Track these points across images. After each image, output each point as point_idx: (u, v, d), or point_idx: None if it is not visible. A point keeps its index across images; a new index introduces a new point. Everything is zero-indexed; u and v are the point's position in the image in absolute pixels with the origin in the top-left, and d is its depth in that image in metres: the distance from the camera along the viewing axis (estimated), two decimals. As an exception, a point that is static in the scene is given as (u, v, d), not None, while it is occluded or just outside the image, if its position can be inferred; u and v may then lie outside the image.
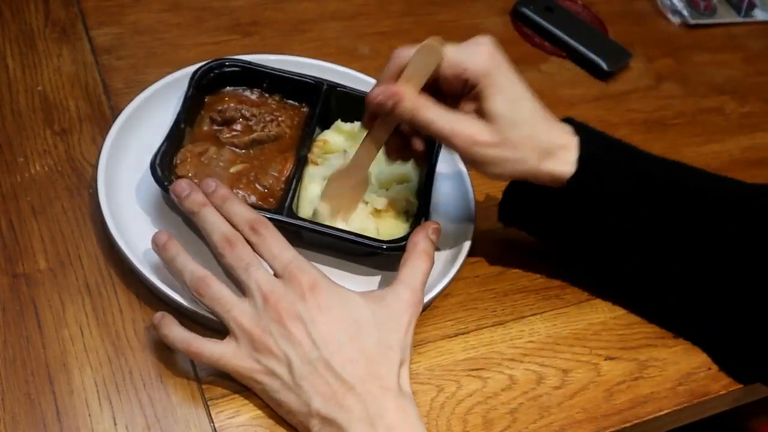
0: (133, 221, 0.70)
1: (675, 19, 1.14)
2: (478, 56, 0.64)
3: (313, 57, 0.87)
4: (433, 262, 0.67)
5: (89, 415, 0.60)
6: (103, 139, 0.73)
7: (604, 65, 1.00)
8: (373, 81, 0.85)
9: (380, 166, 0.75)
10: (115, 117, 0.75)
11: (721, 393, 0.72)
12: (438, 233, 0.69)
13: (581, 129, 0.68)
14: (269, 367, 0.60)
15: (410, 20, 1.01)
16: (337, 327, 0.60)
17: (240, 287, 0.63)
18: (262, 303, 0.60)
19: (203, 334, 0.65)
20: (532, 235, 0.75)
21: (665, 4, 1.15)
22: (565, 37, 1.03)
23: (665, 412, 0.70)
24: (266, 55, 0.84)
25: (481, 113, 0.65)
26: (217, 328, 0.64)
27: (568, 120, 0.69)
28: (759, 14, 1.20)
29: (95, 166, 0.71)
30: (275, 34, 0.94)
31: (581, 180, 0.66)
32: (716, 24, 1.16)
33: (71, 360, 0.62)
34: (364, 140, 0.70)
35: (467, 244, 0.74)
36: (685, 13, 1.14)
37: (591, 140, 0.68)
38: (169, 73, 0.80)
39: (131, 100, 0.77)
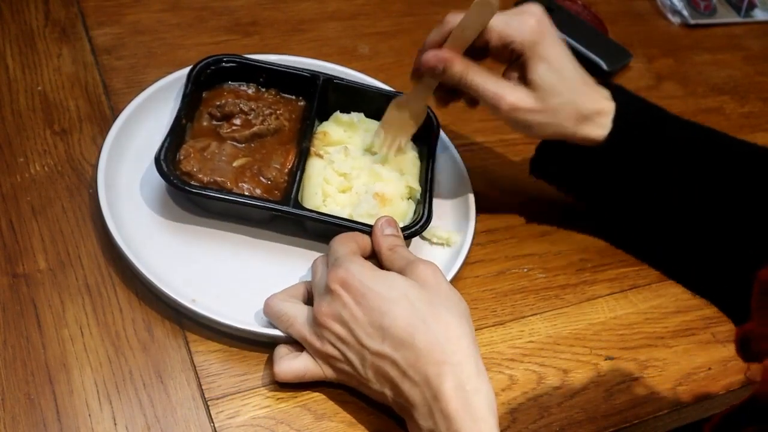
0: (133, 221, 0.70)
1: (675, 19, 1.14)
2: (525, 28, 0.69)
3: (312, 57, 0.87)
4: (401, 239, 0.68)
5: (89, 415, 0.60)
6: (103, 139, 0.73)
7: (604, 65, 1.00)
8: (373, 81, 0.85)
9: (382, 155, 0.76)
10: (115, 117, 0.75)
11: (720, 393, 0.72)
12: (392, 225, 0.68)
13: (619, 94, 0.73)
14: (342, 369, 0.61)
15: (410, 20, 1.01)
16: (376, 315, 0.59)
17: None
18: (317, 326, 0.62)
19: (204, 334, 0.66)
20: (560, 188, 0.79)
21: (665, 4, 1.15)
22: (565, 37, 1.02)
23: (665, 412, 0.70)
24: (266, 55, 0.84)
25: (525, 80, 0.70)
26: (222, 331, 0.64)
27: (607, 84, 0.74)
28: (759, 14, 1.20)
29: (95, 166, 0.71)
30: (275, 34, 0.94)
31: (614, 143, 0.71)
32: (716, 24, 1.16)
33: (71, 360, 0.62)
34: (416, 86, 0.74)
35: (467, 244, 0.74)
36: (685, 13, 1.14)
37: (627, 105, 0.73)
38: (169, 73, 0.80)
39: (131, 100, 0.77)
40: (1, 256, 0.67)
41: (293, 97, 0.81)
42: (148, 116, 0.77)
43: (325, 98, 0.80)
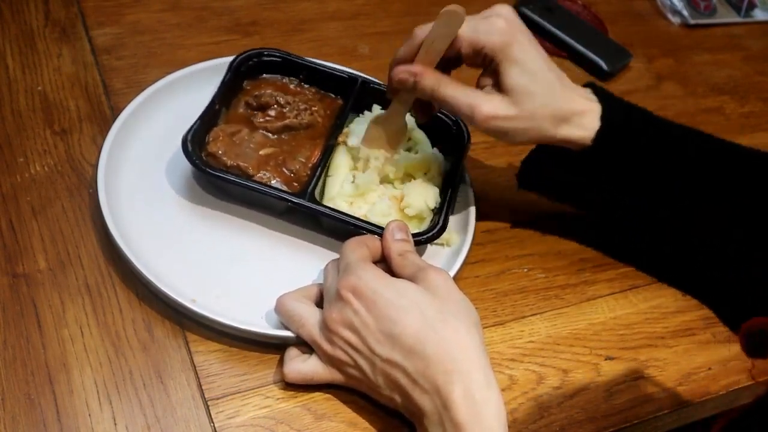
0: (133, 221, 0.70)
1: (675, 19, 1.14)
2: (494, 32, 0.66)
3: (313, 57, 0.87)
4: (411, 245, 0.67)
5: (89, 415, 0.60)
6: (103, 139, 0.73)
7: (604, 65, 1.00)
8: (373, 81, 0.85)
9: (403, 156, 0.76)
10: (115, 117, 0.75)
11: (720, 393, 0.72)
12: (402, 230, 0.67)
13: (602, 95, 0.71)
14: (351, 374, 0.61)
15: (410, 20, 1.00)
16: (387, 322, 0.59)
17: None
18: (328, 333, 0.62)
19: (204, 334, 0.66)
20: (550, 197, 0.77)
21: (665, 4, 1.15)
22: (565, 37, 1.03)
23: (665, 412, 0.70)
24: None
25: (499, 86, 0.68)
26: (222, 331, 0.64)
27: (589, 85, 0.72)
28: (759, 14, 1.20)
29: (95, 166, 0.71)
30: (275, 34, 0.94)
31: (604, 141, 0.69)
32: (716, 24, 1.16)
33: (71, 360, 0.62)
34: (393, 102, 0.73)
35: (467, 245, 0.74)
36: (685, 13, 1.14)
37: (611, 103, 0.71)
38: (169, 73, 0.80)
39: (131, 100, 0.77)
40: (1, 256, 0.67)
41: (333, 95, 0.82)
42: (148, 116, 0.77)
43: (360, 99, 0.80)
